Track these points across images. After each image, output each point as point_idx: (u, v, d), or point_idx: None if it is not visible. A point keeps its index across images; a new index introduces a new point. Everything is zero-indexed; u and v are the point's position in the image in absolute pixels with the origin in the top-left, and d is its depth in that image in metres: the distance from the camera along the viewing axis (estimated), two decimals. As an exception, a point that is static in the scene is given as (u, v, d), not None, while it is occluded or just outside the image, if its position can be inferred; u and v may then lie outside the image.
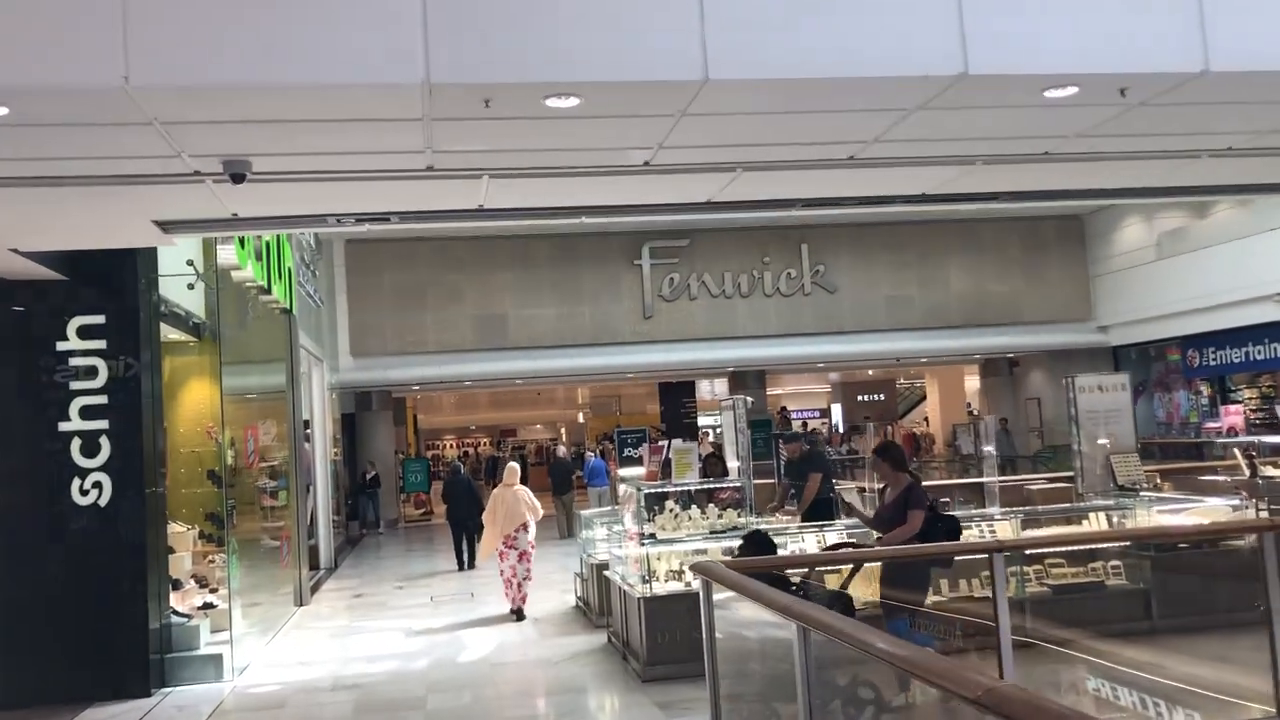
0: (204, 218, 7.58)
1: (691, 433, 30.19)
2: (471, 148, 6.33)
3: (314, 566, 17.92)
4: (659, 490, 9.47)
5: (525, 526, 12.32)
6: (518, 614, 12.18)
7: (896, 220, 25.18)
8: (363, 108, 5.52)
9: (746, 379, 26.88)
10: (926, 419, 36.78)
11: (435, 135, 5.99)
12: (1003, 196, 8.60)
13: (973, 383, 34.73)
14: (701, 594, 5.67)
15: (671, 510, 9.51)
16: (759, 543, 7.07)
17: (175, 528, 12.64)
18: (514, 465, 13.25)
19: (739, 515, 9.33)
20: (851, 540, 8.61)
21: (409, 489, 27.15)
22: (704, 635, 5.64)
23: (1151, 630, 9.28)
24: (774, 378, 29.87)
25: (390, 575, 16.98)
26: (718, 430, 38.93)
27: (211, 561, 12.20)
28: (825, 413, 41.48)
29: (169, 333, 11.07)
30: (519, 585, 12.25)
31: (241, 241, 10.65)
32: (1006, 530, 9.41)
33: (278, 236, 13.04)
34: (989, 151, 7.11)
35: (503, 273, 24.53)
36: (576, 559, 15.76)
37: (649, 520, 9.41)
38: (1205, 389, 24.46)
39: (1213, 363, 23.38)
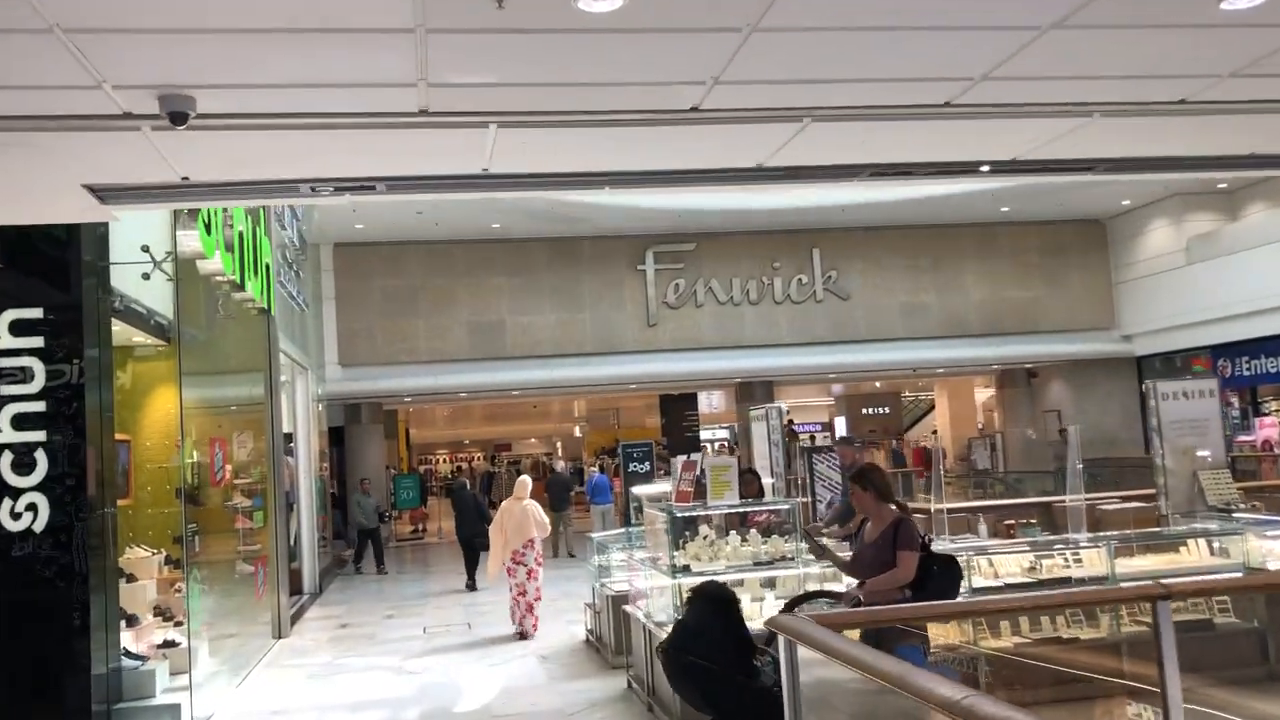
0: (148, 182, 6.13)
1: (694, 447, 28.80)
2: (476, 78, 4.90)
3: (296, 592, 16.43)
4: (691, 514, 8.02)
5: (532, 543, 11.80)
6: (522, 635, 11.61)
7: (911, 224, 23.85)
8: (337, 9, 4.09)
9: (754, 390, 25.45)
10: (935, 432, 35.39)
11: (431, 58, 4.56)
12: (1101, 166, 7.19)
13: (983, 394, 33.38)
14: (783, 656, 4.26)
15: (705, 537, 8.05)
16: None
17: (138, 552, 11.22)
18: (525, 479, 12.57)
19: (785, 541, 7.88)
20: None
21: (400, 506, 25.61)
22: (787, 709, 4.25)
23: (1269, 676, 7.86)
24: (777, 389, 28.50)
25: (380, 601, 15.48)
26: (717, 445, 37.54)
27: (179, 591, 10.70)
28: (827, 426, 40.03)
29: (132, 335, 9.63)
30: (530, 607, 11.73)
31: (208, 226, 9.20)
32: (1096, 561, 7.97)
33: (253, 227, 11.58)
34: (1114, 99, 5.70)
35: (499, 277, 23.11)
36: (578, 583, 14.34)
37: (679, 549, 7.96)
38: (1235, 400, 23.11)
39: (1246, 373, 22.02)
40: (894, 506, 6.22)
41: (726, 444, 36.72)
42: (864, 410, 37.07)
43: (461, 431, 48.07)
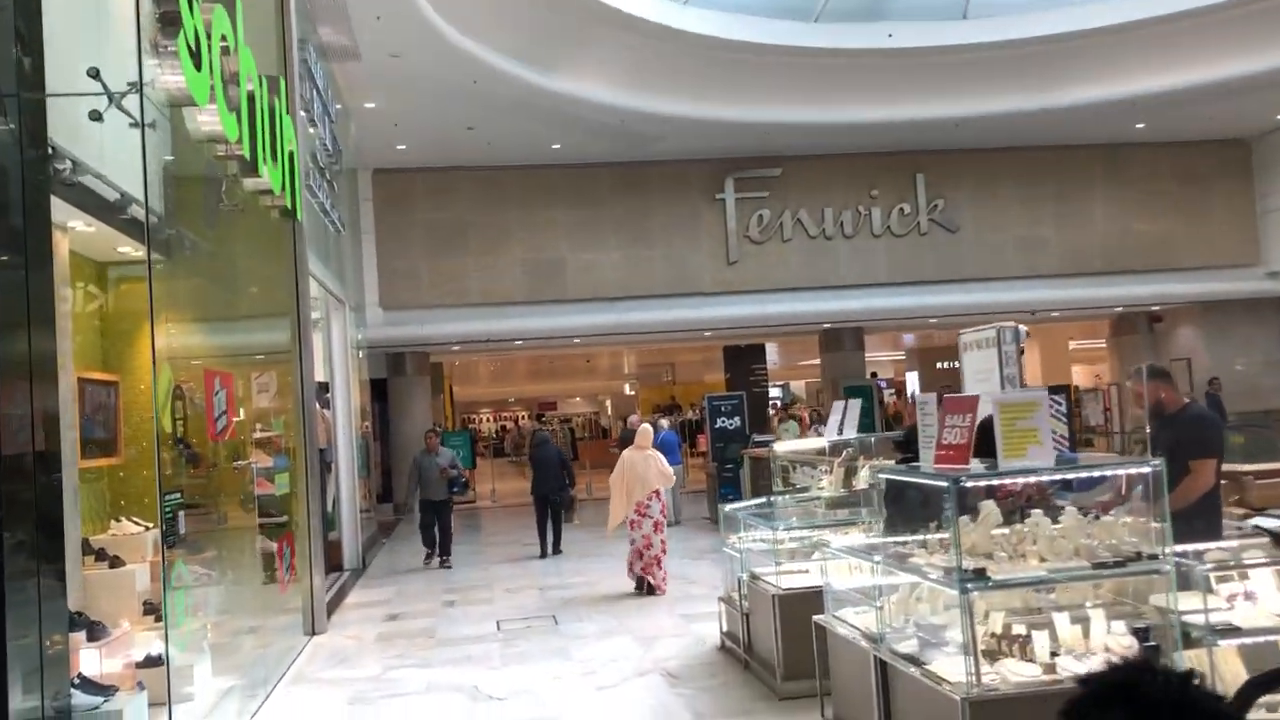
0: None
1: (762, 404, 25.67)
2: None
3: (335, 568, 13.46)
4: (983, 482, 4.81)
5: (657, 494, 10.82)
6: (639, 585, 10.78)
7: (1029, 144, 20.41)
8: None
9: (841, 338, 22.24)
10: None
11: None
12: None
13: (1074, 345, 29.99)
14: None
15: (990, 519, 4.85)
16: None
17: (127, 528, 8.29)
18: (647, 428, 11.50)
19: (1122, 527, 4.69)
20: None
21: (449, 467, 22.61)
22: None
23: None
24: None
25: (436, 582, 12.43)
26: (792, 402, 34.24)
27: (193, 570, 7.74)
28: (892, 383, 36.66)
29: (116, 243, 6.60)
30: (658, 560, 10.80)
31: (194, 54, 6.04)
32: None
33: (269, 96, 8.42)
34: None
35: (558, 209, 19.91)
36: (674, 561, 11.37)
37: (932, 541, 4.80)
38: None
39: None
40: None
41: (806, 411, 33.56)
42: (938, 364, 33.80)
43: (505, 389, 45.11)
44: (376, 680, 7.92)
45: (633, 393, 39.93)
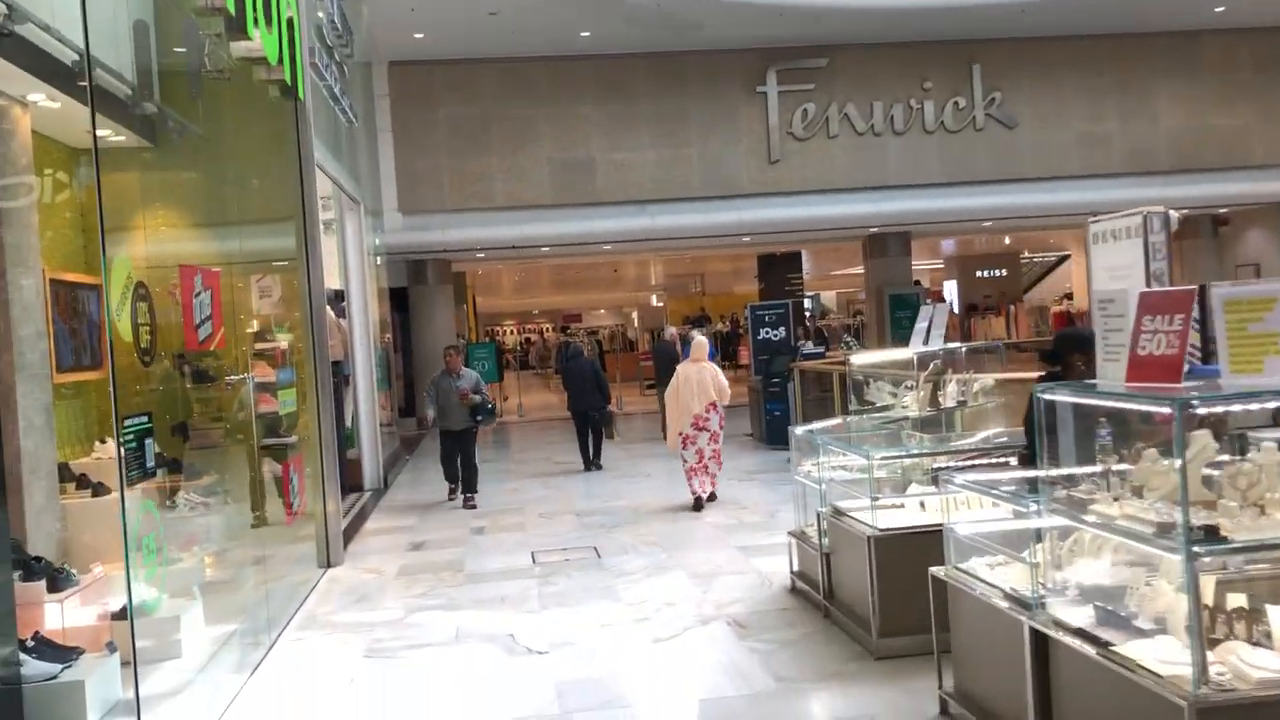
0: None
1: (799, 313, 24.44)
2: None
3: (355, 488, 12.46)
4: (1211, 408, 3.56)
5: (714, 406, 10.27)
6: (697, 504, 10.22)
7: (1093, 32, 18.66)
8: None
9: (886, 243, 20.81)
10: (1069, 295, 30.52)
11: None
12: None
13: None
14: None
15: (1205, 454, 3.61)
16: None
17: (114, 450, 7.17)
18: (702, 340, 10.75)
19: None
20: None
21: (474, 380, 21.51)
22: None
23: None
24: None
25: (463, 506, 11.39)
26: (823, 314, 32.81)
27: (172, 505, 6.69)
28: (930, 292, 35.16)
29: (102, 126, 5.35)
30: (705, 468, 10.28)
31: None
32: None
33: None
34: None
35: (587, 105, 18.42)
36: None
37: (1112, 481, 3.58)
38: None
39: None
40: None
41: (837, 325, 32.25)
42: (978, 273, 32.30)
43: (529, 301, 43.88)
44: (397, 626, 6.85)
45: (660, 304, 38.64)
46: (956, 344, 9.39)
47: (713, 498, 10.38)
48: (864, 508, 5.96)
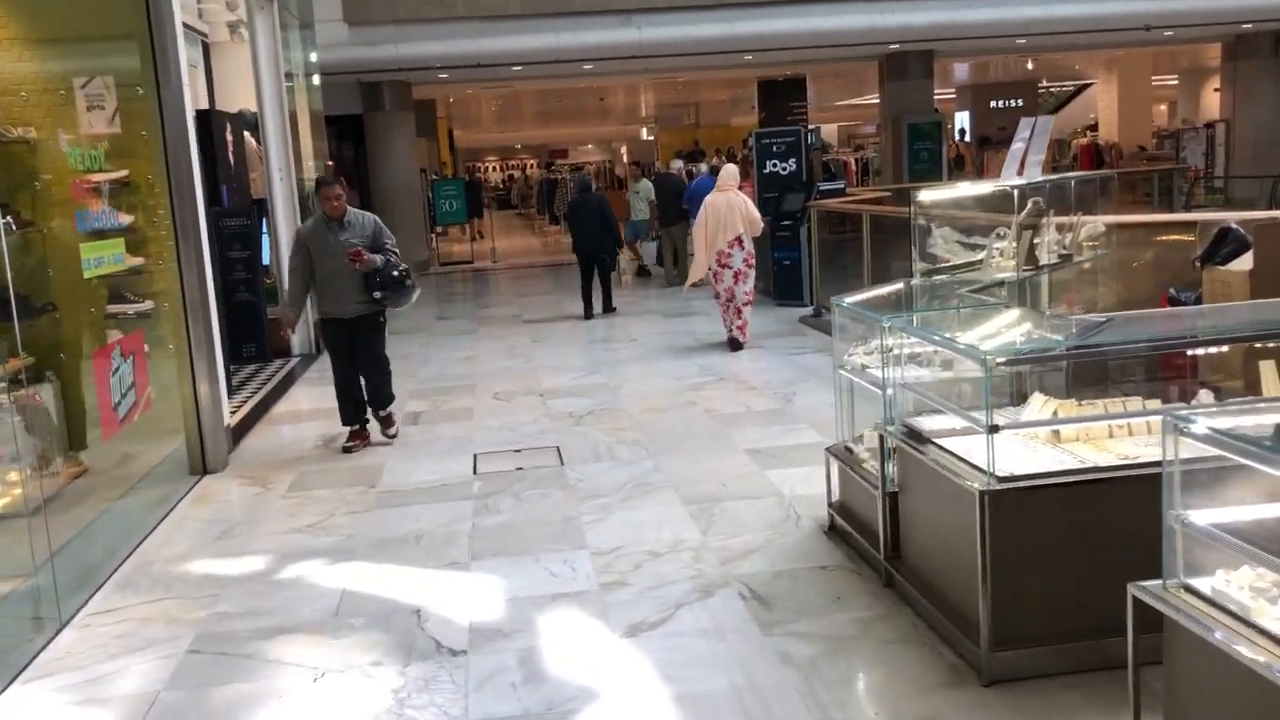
0: None
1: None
2: None
3: (280, 353, 10.15)
4: None
5: (740, 241, 9.17)
6: (733, 344, 9.35)
7: None
8: None
9: (906, 64, 17.97)
10: (1092, 128, 27.66)
11: None
12: None
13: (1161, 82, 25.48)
14: None
15: None
16: None
17: None
18: (731, 167, 9.79)
19: None
20: None
21: (441, 220, 18.95)
22: None
23: None
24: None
25: (404, 379, 9.06)
26: (824, 148, 29.89)
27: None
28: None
29: None
30: (738, 310, 9.32)
31: None
32: None
33: None
34: None
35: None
36: (710, 354, 8.11)
37: None
38: None
39: None
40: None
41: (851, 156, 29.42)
42: (991, 103, 29.39)
43: (512, 134, 40.62)
44: (256, 586, 4.60)
45: (651, 138, 35.57)
46: (1063, 175, 6.87)
47: (738, 346, 9.27)
48: (964, 433, 3.64)
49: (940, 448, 3.75)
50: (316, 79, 13.40)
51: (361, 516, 5.44)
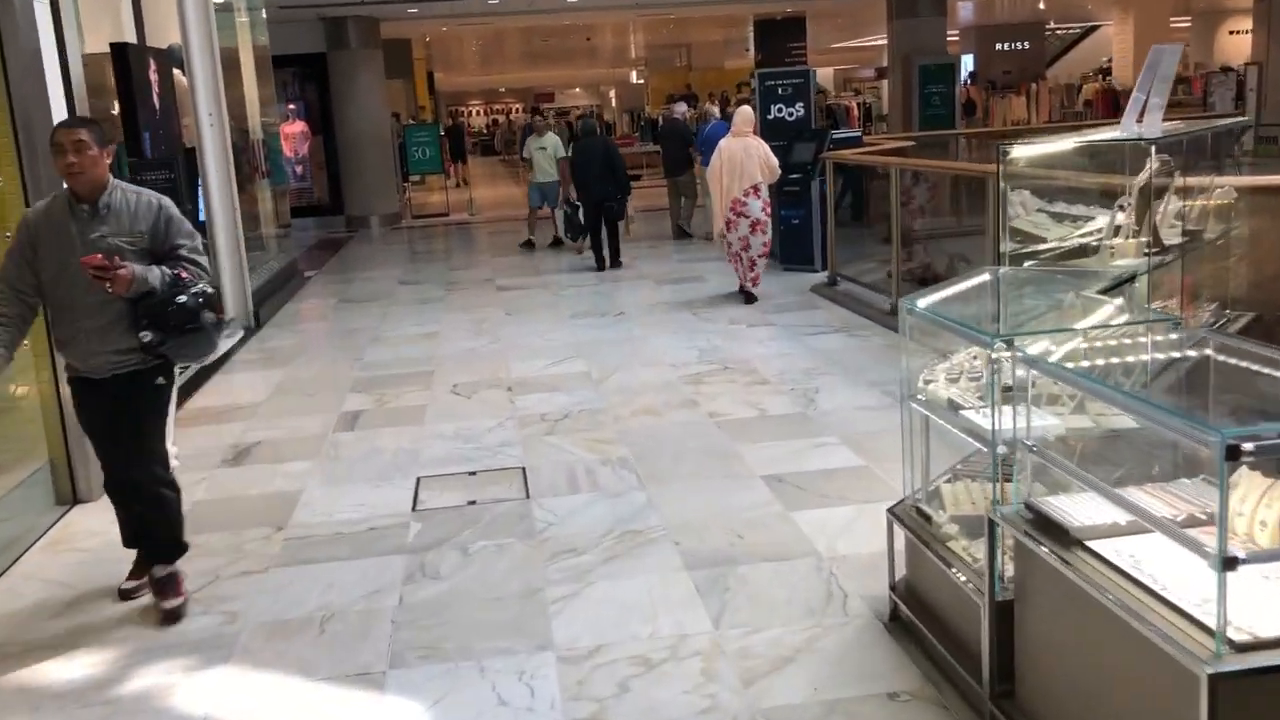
0: None
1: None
2: None
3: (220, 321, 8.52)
4: None
5: (756, 189, 8.48)
6: (747, 296, 8.76)
7: None
8: None
9: (916, 1, 16.34)
10: (1105, 72, 26.02)
11: None
12: None
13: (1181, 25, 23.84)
14: None
15: None
16: None
17: None
18: (747, 110, 8.89)
19: None
20: None
21: (413, 169, 17.31)
22: None
23: None
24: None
25: (344, 359, 7.59)
26: (822, 91, 28.20)
27: None
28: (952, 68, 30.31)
29: None
30: (752, 263, 8.71)
31: None
32: None
33: None
34: None
35: None
36: (726, 338, 6.72)
37: None
38: None
39: None
40: None
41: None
42: (997, 45, 27.69)
43: (496, 77, 38.66)
44: (83, 710, 3.20)
45: (641, 81, 33.76)
46: (1196, 121, 5.37)
47: (753, 299, 8.77)
48: (1131, 530, 2.23)
49: (1100, 559, 2.33)
50: (264, 12, 11.77)
51: (256, 581, 4.01)
